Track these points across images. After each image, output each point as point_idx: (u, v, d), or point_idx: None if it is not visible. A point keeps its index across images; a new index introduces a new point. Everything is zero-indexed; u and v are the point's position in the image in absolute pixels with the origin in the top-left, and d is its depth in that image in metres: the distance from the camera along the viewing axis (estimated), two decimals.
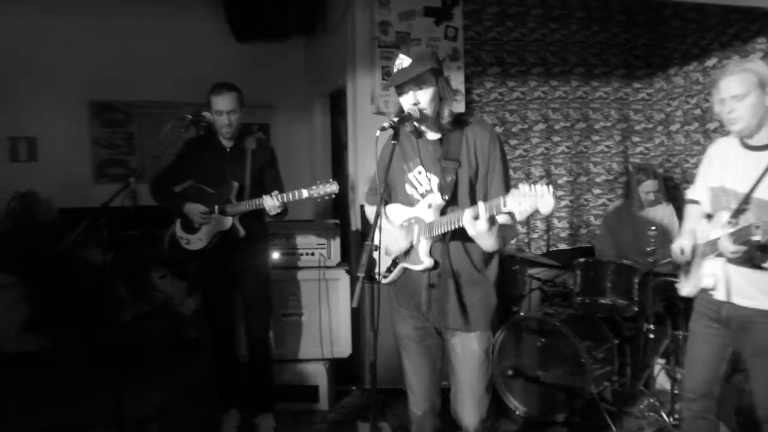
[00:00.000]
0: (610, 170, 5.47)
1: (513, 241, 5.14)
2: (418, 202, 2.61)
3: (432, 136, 2.61)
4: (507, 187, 2.58)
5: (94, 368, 4.53)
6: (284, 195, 3.51)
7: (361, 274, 2.10)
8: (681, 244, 2.87)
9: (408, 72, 2.45)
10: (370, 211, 2.94)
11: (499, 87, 5.10)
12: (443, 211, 2.55)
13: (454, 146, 2.56)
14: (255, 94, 4.29)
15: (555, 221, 5.36)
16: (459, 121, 2.59)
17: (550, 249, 5.33)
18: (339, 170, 5.70)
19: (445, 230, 2.47)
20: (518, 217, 2.17)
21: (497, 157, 2.56)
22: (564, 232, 5.38)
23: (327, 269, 4.37)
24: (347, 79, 4.75)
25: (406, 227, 2.64)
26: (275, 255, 4.35)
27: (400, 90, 2.51)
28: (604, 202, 5.45)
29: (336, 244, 4.42)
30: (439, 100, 2.53)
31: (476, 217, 2.31)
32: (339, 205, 5.27)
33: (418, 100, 2.48)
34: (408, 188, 2.65)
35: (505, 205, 2.19)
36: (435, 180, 2.57)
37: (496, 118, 5.12)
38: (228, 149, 3.75)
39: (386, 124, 2.41)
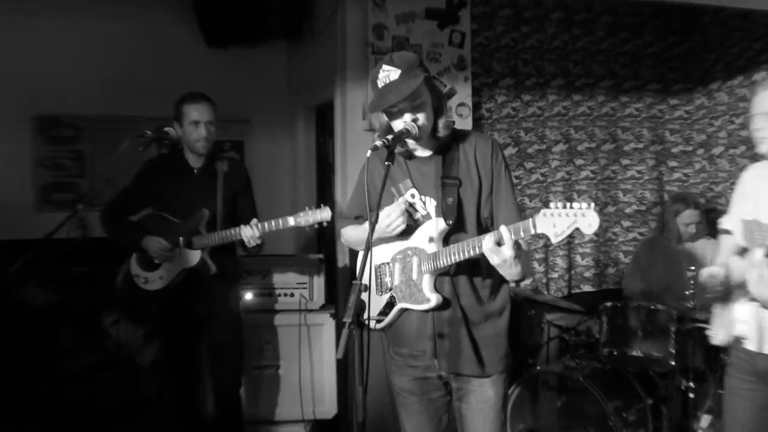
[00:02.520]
0: (642, 199, 5.54)
1: (528, 281, 5.17)
2: (414, 230, 2.64)
3: (423, 153, 2.65)
4: (516, 206, 2.63)
5: (32, 430, 4.50)
6: (266, 224, 3.53)
7: (348, 319, 2.10)
8: (713, 271, 2.89)
9: (401, 88, 2.45)
10: (351, 233, 2.90)
11: (513, 101, 5.17)
12: (446, 239, 2.59)
13: (453, 163, 2.60)
14: (228, 106, 4.32)
15: (578, 258, 5.40)
16: (455, 135, 2.64)
17: (572, 291, 5.36)
18: (325, 196, 5.72)
19: (457, 259, 2.49)
20: (554, 240, 2.21)
21: (501, 172, 2.60)
22: (588, 272, 5.42)
23: (309, 313, 4.38)
24: (336, 91, 4.80)
25: (400, 260, 2.68)
26: (248, 296, 4.37)
27: (391, 109, 2.52)
28: (636, 236, 5.51)
29: (320, 282, 4.44)
30: (433, 112, 2.57)
31: (499, 243, 2.33)
32: (324, 237, 5.29)
33: (417, 116, 2.52)
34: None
35: (535, 227, 2.22)
36: (432, 203, 2.61)
37: (509, 137, 5.18)
38: (196, 171, 3.79)
39: (379, 143, 2.43)
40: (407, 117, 2.51)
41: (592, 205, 2.14)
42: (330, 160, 5.42)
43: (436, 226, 2.58)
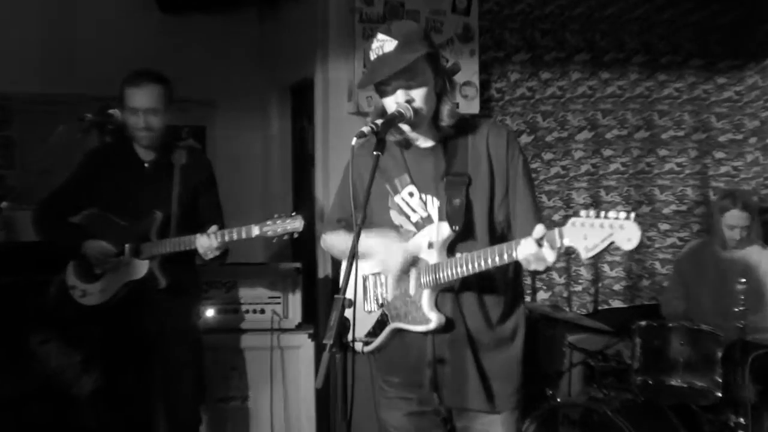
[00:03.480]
0: (682, 198, 5.52)
1: (546, 295, 5.14)
2: (411, 235, 2.64)
3: (425, 143, 2.66)
4: (537, 209, 2.63)
5: None
6: (226, 233, 3.52)
7: (329, 341, 2.10)
8: None
9: (394, 61, 2.46)
10: (335, 241, 2.90)
11: (529, 80, 5.16)
12: (452, 247, 2.58)
13: (460, 157, 2.61)
14: (187, 85, 4.30)
15: (606, 269, 5.37)
16: (463, 123, 2.64)
17: (599, 308, 5.34)
18: (303, 193, 5.71)
19: (467, 272, 2.47)
20: (584, 256, 2.18)
21: (519, 168, 2.61)
22: (618, 284, 5.40)
23: (283, 333, 4.38)
24: (316, 67, 4.79)
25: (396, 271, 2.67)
26: (209, 312, 4.35)
27: (384, 87, 2.54)
28: (675, 241, 5.49)
29: (296, 297, 4.43)
30: (436, 96, 2.57)
31: (540, 244, 2.28)
32: (302, 243, 5.26)
33: (412, 97, 2.51)
34: (395, 216, 2.68)
35: (562, 238, 2.21)
36: (434, 203, 2.61)
37: (524, 123, 5.17)
38: (147, 164, 3.78)
39: (366, 129, 2.42)
40: (400, 95, 2.51)
41: (632, 215, 2.12)
42: (309, 150, 5.41)
43: (438, 231, 2.57)
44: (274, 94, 6.11)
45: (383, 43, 2.49)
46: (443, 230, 2.56)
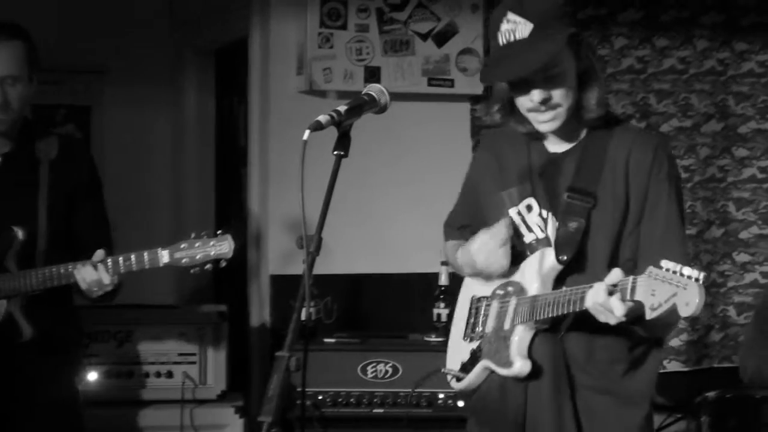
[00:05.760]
0: None
1: None
2: (524, 257, 2.82)
3: (556, 146, 2.85)
4: (683, 245, 2.76)
5: None
6: (120, 261, 3.52)
7: (267, 418, 2.11)
8: None
9: (530, 53, 2.58)
10: (449, 253, 3.23)
11: None
12: (559, 280, 2.74)
13: (591, 169, 2.77)
14: (65, 48, 4.31)
15: None
16: (607, 123, 2.82)
17: None
18: (230, 205, 5.72)
19: (558, 313, 2.62)
20: (649, 315, 2.31)
21: (664, 192, 2.74)
22: (678, 339, 5.46)
23: (199, 406, 4.41)
24: (252, 23, 4.86)
25: (499, 298, 2.88)
26: (92, 376, 4.36)
27: (516, 83, 2.69)
28: (757, 279, 5.56)
29: (219, 355, 4.46)
30: (579, 82, 2.72)
31: (612, 292, 2.42)
32: (228, 275, 5.25)
33: (550, 95, 2.66)
34: None
35: (633, 290, 2.35)
36: (553, 225, 2.78)
37: None
38: (1, 158, 3.75)
39: (324, 118, 2.38)
40: (536, 95, 2.64)
41: (701, 275, 2.21)
42: (240, 141, 5.42)
43: (541, 259, 2.75)
44: (191, 62, 6.10)
45: (515, 26, 2.61)
46: (548, 258, 2.73)
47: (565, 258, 2.69)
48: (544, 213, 2.79)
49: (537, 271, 2.74)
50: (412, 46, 4.96)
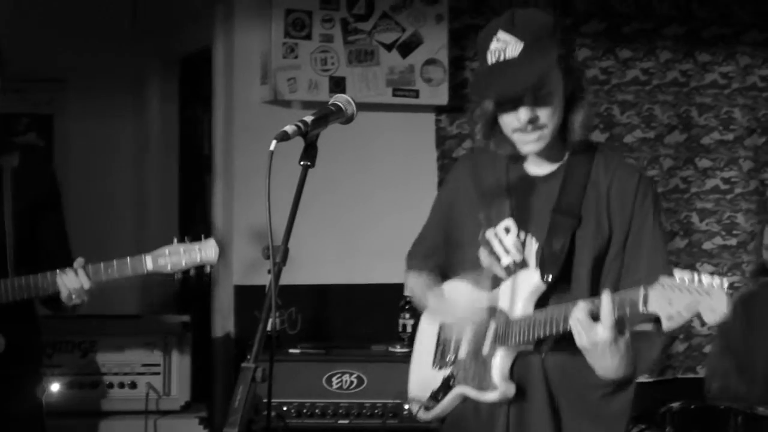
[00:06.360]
0: (732, 227, 5.61)
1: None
2: (500, 281, 2.80)
3: (538, 168, 2.84)
4: (670, 272, 2.68)
5: None
6: (102, 269, 3.51)
7: (232, 430, 2.09)
8: None
9: (520, 74, 2.59)
10: (415, 289, 3.19)
11: None
12: (542, 301, 2.72)
13: (573, 191, 2.76)
14: (28, 56, 4.28)
15: None
16: (588, 148, 2.83)
17: None
18: (194, 216, 5.70)
19: (541, 335, 2.61)
20: (666, 326, 2.29)
21: (649, 216, 2.74)
22: None
23: (163, 417, 4.39)
24: (215, 33, 4.87)
25: (475, 322, 2.85)
26: (56, 387, 4.34)
27: (504, 101, 2.69)
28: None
29: (183, 365, 4.44)
30: (565, 102, 2.72)
31: (595, 317, 2.42)
32: (191, 287, 5.24)
33: (537, 115, 2.65)
34: (483, 256, 2.85)
35: (646, 303, 2.32)
36: (533, 246, 2.77)
37: None
38: None
39: (290, 128, 2.33)
40: (523, 114, 2.63)
41: (725, 281, 2.21)
42: (204, 149, 5.40)
43: (526, 281, 2.72)
44: (154, 71, 6.09)
45: (506, 45, 2.61)
46: (532, 280, 2.70)
47: (550, 278, 2.67)
48: (522, 235, 2.78)
49: (518, 294, 2.71)
50: (377, 56, 4.96)
